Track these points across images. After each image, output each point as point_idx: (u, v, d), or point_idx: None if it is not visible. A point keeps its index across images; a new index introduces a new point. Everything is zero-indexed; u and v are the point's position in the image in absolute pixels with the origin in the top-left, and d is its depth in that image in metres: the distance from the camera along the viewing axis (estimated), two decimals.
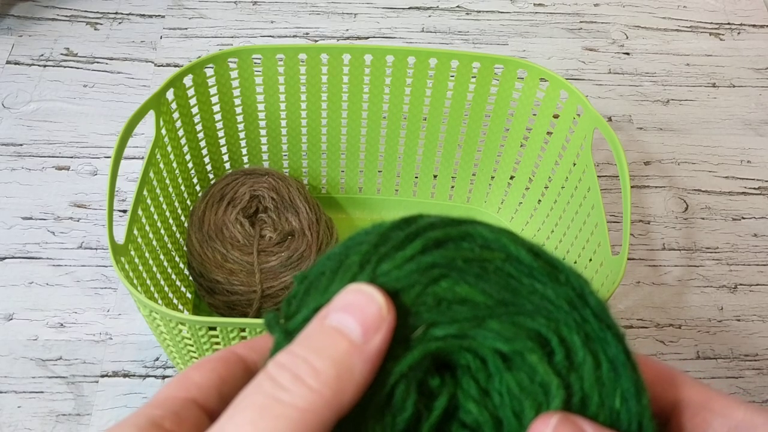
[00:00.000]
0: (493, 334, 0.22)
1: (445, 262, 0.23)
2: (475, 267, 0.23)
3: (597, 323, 0.23)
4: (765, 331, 0.66)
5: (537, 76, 0.59)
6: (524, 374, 0.22)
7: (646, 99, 0.83)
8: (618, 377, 0.22)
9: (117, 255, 0.46)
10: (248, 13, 0.88)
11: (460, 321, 0.23)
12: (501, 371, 0.23)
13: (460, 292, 0.23)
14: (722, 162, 0.78)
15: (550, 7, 0.91)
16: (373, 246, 0.24)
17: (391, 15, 0.89)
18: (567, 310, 0.23)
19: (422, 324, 0.23)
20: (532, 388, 0.22)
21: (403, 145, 0.66)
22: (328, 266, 0.24)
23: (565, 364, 0.22)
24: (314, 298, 0.23)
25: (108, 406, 0.58)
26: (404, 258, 0.23)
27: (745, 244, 0.71)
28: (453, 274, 0.23)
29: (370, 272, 0.23)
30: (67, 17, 0.86)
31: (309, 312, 0.23)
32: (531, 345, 0.22)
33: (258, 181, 0.62)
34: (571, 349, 0.22)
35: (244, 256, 0.58)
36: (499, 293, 0.23)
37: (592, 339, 0.22)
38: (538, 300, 0.23)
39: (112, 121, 0.76)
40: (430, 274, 0.23)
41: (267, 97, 0.62)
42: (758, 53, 0.88)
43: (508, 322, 0.22)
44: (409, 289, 0.23)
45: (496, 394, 0.23)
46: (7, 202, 0.69)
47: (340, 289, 0.23)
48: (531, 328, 0.22)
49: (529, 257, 0.23)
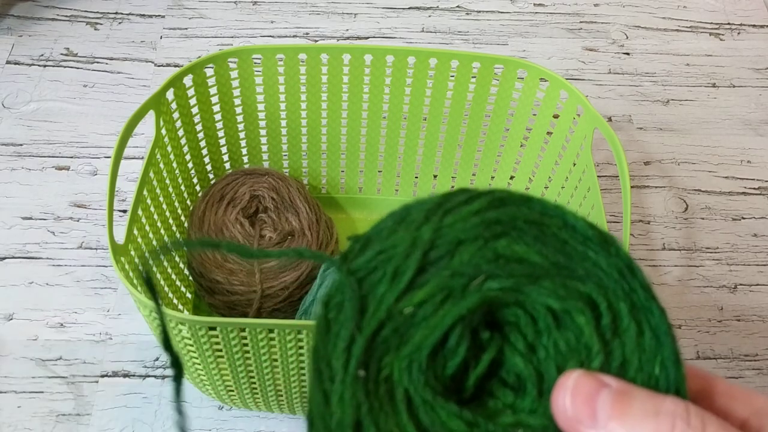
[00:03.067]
0: (546, 291, 0.24)
1: (507, 219, 0.25)
2: (534, 229, 0.25)
3: (644, 294, 0.24)
4: (765, 331, 0.66)
5: (537, 76, 0.59)
6: (571, 333, 0.24)
7: (646, 99, 0.83)
8: (659, 345, 0.23)
9: (117, 255, 0.46)
10: (248, 13, 0.88)
11: (516, 276, 0.24)
12: (550, 328, 0.24)
13: (518, 250, 0.24)
14: (722, 162, 0.78)
15: (550, 7, 0.91)
16: (437, 204, 0.25)
17: (391, 15, 0.89)
18: (617, 278, 0.24)
19: (481, 275, 0.24)
20: (577, 348, 0.24)
21: (403, 145, 0.66)
22: (387, 223, 0.25)
23: (611, 329, 0.24)
24: (377, 244, 0.25)
25: (108, 406, 0.58)
26: (470, 212, 0.25)
27: (745, 244, 0.71)
28: (513, 233, 0.25)
29: (437, 222, 0.24)
30: (67, 17, 0.86)
31: (373, 253, 0.24)
32: (581, 306, 0.24)
33: (258, 181, 0.62)
34: (618, 316, 0.24)
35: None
36: (555, 256, 0.24)
37: (637, 308, 0.24)
38: (590, 266, 0.24)
39: (112, 121, 0.76)
40: (492, 230, 0.25)
41: (267, 97, 0.62)
42: (758, 53, 0.88)
43: (561, 283, 0.24)
44: (471, 241, 0.24)
45: (542, 349, 0.24)
46: (7, 202, 0.69)
47: (406, 237, 0.24)
48: (582, 291, 0.24)
49: (585, 226, 0.25)
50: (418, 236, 0.24)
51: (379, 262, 0.24)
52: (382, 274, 0.24)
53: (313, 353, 0.24)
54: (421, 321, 0.24)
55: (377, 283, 0.24)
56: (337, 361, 0.23)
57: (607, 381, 0.23)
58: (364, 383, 0.23)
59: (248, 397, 0.53)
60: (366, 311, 0.24)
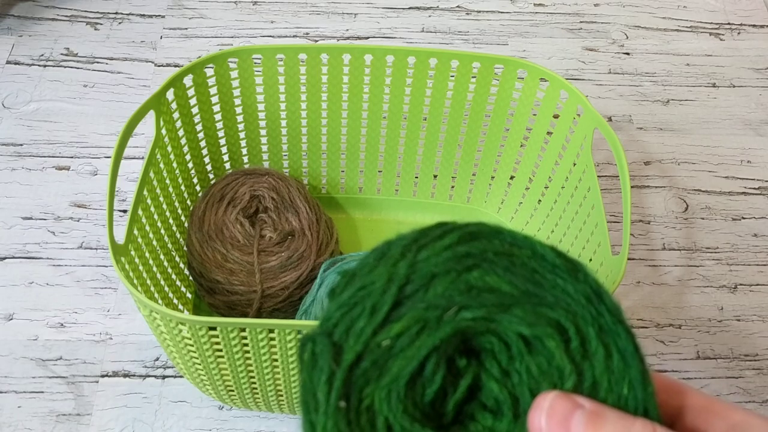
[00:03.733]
0: (517, 319, 0.25)
1: (477, 252, 0.26)
2: (504, 260, 0.26)
3: (610, 318, 0.25)
4: (765, 331, 0.66)
5: (537, 76, 0.59)
6: (543, 358, 0.25)
7: (646, 99, 0.83)
8: (627, 367, 0.25)
9: (117, 255, 0.46)
10: (248, 13, 0.88)
11: (488, 306, 0.25)
12: (522, 354, 0.25)
13: (490, 281, 0.26)
14: (722, 162, 0.78)
15: (550, 7, 0.91)
16: (412, 240, 0.27)
17: (391, 15, 0.89)
18: (584, 304, 0.25)
19: (454, 306, 0.25)
20: (549, 371, 0.25)
21: (403, 145, 0.66)
22: (369, 260, 0.27)
23: (580, 352, 0.25)
24: (359, 280, 0.26)
25: (108, 406, 0.58)
26: (442, 246, 0.26)
27: (745, 244, 0.71)
28: (484, 264, 0.26)
29: (411, 259, 0.26)
30: (67, 17, 0.86)
31: (354, 290, 0.26)
32: (551, 331, 0.25)
33: (258, 181, 0.62)
34: (586, 339, 0.25)
35: (244, 256, 0.58)
36: (524, 285, 0.26)
37: (605, 331, 0.25)
38: (559, 294, 0.26)
39: (112, 121, 0.76)
40: (464, 263, 0.26)
41: (267, 97, 0.62)
42: (758, 53, 0.88)
43: (531, 310, 0.25)
44: (444, 274, 0.26)
45: (515, 374, 0.25)
46: (7, 202, 0.69)
47: (383, 273, 0.26)
48: (551, 317, 0.25)
49: (552, 255, 0.26)
50: (395, 272, 0.26)
51: (359, 298, 0.26)
52: (362, 310, 0.25)
53: (301, 386, 0.25)
54: (398, 352, 0.25)
55: (357, 317, 0.25)
56: (320, 393, 0.24)
57: (581, 402, 0.24)
58: (345, 413, 0.24)
59: (248, 397, 0.53)
60: (345, 345, 0.25)
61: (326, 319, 0.26)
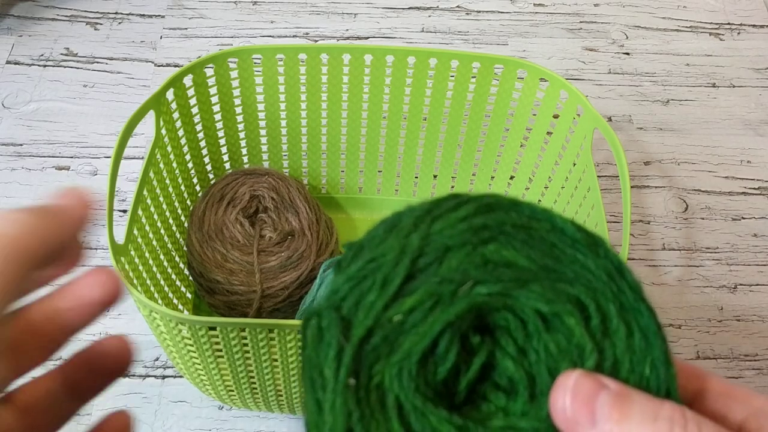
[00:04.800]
0: (535, 295, 0.24)
1: (494, 225, 0.25)
2: (522, 233, 0.25)
3: (632, 295, 0.24)
4: (765, 331, 0.66)
5: (537, 76, 0.59)
6: (561, 336, 0.24)
7: (646, 99, 0.83)
8: (649, 346, 0.24)
9: (117, 255, 0.46)
10: (248, 13, 0.88)
11: (504, 281, 0.24)
12: (540, 331, 0.24)
13: (507, 255, 0.25)
14: (722, 162, 0.78)
15: (550, 7, 0.91)
16: (425, 211, 0.25)
17: (391, 15, 0.89)
18: (605, 280, 0.24)
19: (469, 281, 0.24)
20: (568, 349, 0.24)
21: (403, 145, 0.66)
22: (378, 231, 0.26)
23: (600, 330, 0.24)
24: (368, 252, 0.25)
25: (108, 406, 0.58)
26: (457, 218, 0.25)
27: (745, 244, 0.71)
28: (501, 237, 0.25)
29: (425, 230, 0.25)
30: (67, 17, 0.86)
31: (364, 262, 0.25)
32: (570, 308, 0.24)
33: (258, 181, 0.62)
34: (607, 317, 0.24)
35: (244, 256, 0.58)
36: (543, 260, 0.25)
37: (626, 309, 0.24)
38: (579, 269, 0.24)
39: (112, 121, 0.76)
40: (480, 235, 0.25)
41: (267, 97, 0.62)
42: (758, 53, 0.88)
43: (549, 286, 0.24)
44: (459, 247, 0.24)
45: (533, 352, 0.24)
46: (7, 202, 0.69)
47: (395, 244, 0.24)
48: (571, 293, 0.24)
49: (572, 229, 0.25)
50: (407, 244, 0.25)
51: (369, 271, 0.24)
52: (372, 283, 0.24)
53: (305, 361, 0.24)
54: (410, 328, 0.24)
55: (367, 291, 0.24)
56: (328, 369, 0.23)
57: (606, 382, 0.23)
58: (354, 391, 0.23)
59: (248, 397, 0.53)
60: (355, 320, 0.24)
61: (333, 292, 0.25)
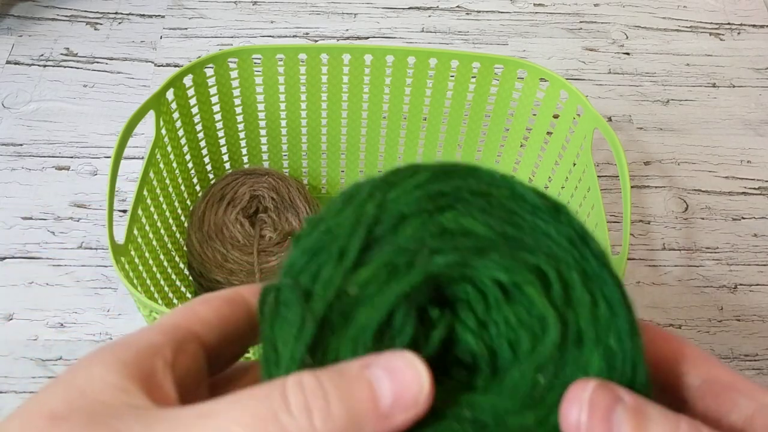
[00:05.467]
0: (494, 264, 0.23)
1: (451, 191, 0.24)
2: (480, 200, 0.24)
3: (596, 262, 0.23)
4: (765, 331, 0.66)
5: (537, 76, 0.59)
6: (522, 307, 0.23)
7: (646, 99, 0.83)
8: (614, 316, 0.22)
9: (117, 255, 0.46)
10: (248, 13, 0.88)
11: (462, 250, 0.23)
12: (500, 303, 0.23)
13: (464, 223, 0.23)
14: (722, 162, 0.78)
15: (550, 7, 0.91)
16: (382, 180, 0.24)
17: (391, 15, 0.89)
18: (567, 248, 0.23)
19: (425, 250, 0.23)
20: (529, 321, 0.23)
21: (403, 145, 0.66)
22: (337, 202, 0.25)
23: (563, 300, 0.22)
24: (326, 222, 0.24)
25: None
26: (413, 185, 0.24)
27: (745, 244, 0.71)
28: (458, 205, 0.24)
29: (380, 198, 0.24)
30: (67, 17, 0.86)
31: (319, 233, 0.23)
32: (530, 278, 0.22)
33: (258, 181, 0.62)
34: (570, 286, 0.23)
35: (244, 256, 0.58)
36: (502, 227, 0.23)
37: (590, 278, 0.23)
38: (540, 237, 0.23)
39: (112, 121, 0.76)
40: (436, 202, 0.24)
41: (267, 97, 0.62)
42: (758, 53, 0.88)
43: (509, 255, 0.23)
44: (415, 215, 0.23)
45: (493, 325, 0.23)
46: (7, 202, 0.69)
47: (350, 214, 0.23)
48: (531, 262, 0.23)
49: (533, 195, 0.24)
50: (362, 212, 0.23)
51: (325, 242, 0.23)
52: (329, 255, 0.23)
53: (261, 339, 0.23)
54: (365, 300, 0.22)
55: (324, 263, 0.23)
56: (284, 346, 0.22)
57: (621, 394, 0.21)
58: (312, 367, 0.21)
59: None
60: (313, 294, 0.22)
61: (289, 266, 0.23)
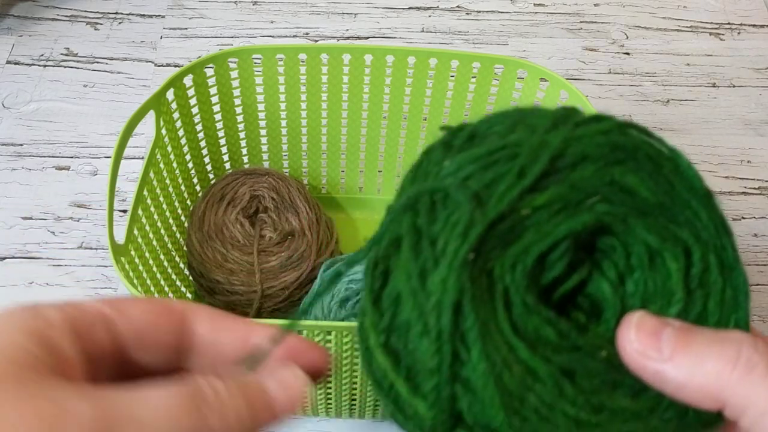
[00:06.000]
0: (648, 227, 0.24)
1: (630, 148, 0.25)
2: (650, 165, 0.25)
3: (732, 254, 0.25)
4: (765, 331, 0.66)
5: (537, 76, 0.59)
6: (659, 276, 0.24)
7: (646, 99, 0.83)
8: (737, 306, 0.24)
9: (117, 255, 0.46)
10: (248, 13, 0.88)
11: (627, 206, 0.24)
12: (643, 266, 0.24)
13: (630, 181, 0.24)
14: (722, 162, 0.78)
15: (550, 7, 0.91)
16: (562, 115, 0.25)
17: (391, 15, 0.89)
18: (713, 233, 0.24)
19: (597, 195, 0.24)
20: (662, 291, 0.24)
21: (403, 145, 0.66)
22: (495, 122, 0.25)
23: (698, 279, 0.24)
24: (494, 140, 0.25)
25: None
26: (599, 130, 0.25)
27: (745, 244, 0.71)
28: (630, 162, 0.24)
29: (567, 131, 0.24)
30: (67, 17, 0.86)
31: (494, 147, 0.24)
32: (677, 251, 0.24)
33: (258, 181, 0.62)
34: (708, 269, 0.24)
35: (244, 256, 0.58)
36: (662, 196, 0.24)
37: (725, 266, 0.24)
38: (691, 215, 0.25)
39: (112, 121, 0.76)
40: (615, 154, 0.24)
41: (267, 97, 0.62)
42: (758, 53, 0.88)
43: (663, 224, 0.24)
44: (594, 159, 0.24)
45: (632, 283, 0.24)
46: (7, 202, 0.69)
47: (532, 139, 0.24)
48: (680, 237, 0.24)
49: (694, 177, 0.25)
50: (547, 140, 0.24)
51: (502, 156, 0.24)
52: (507, 169, 0.23)
53: (408, 229, 0.23)
54: (533, 225, 0.23)
55: (502, 175, 0.23)
56: (452, 242, 0.22)
57: (671, 321, 0.23)
58: (470, 269, 0.22)
59: None
60: (486, 201, 0.23)
61: (457, 169, 0.24)
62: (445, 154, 0.25)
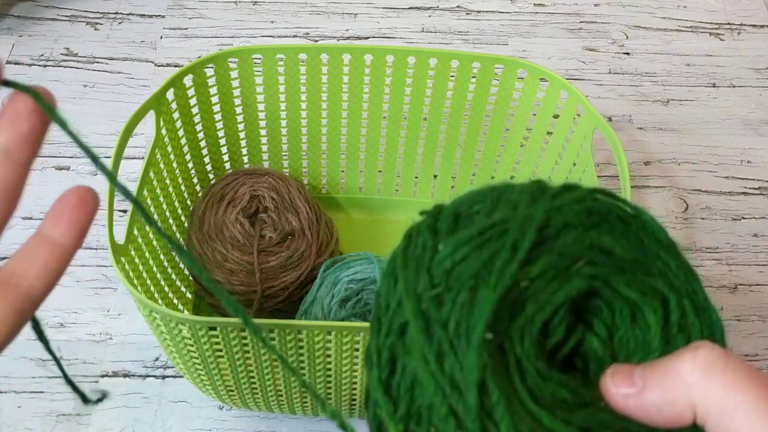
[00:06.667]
0: (628, 283, 0.26)
1: (603, 211, 0.27)
2: (621, 225, 0.27)
3: (703, 296, 0.26)
4: (765, 331, 0.66)
5: (537, 76, 0.59)
6: (639, 330, 0.26)
7: (646, 99, 0.83)
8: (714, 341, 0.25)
9: (117, 255, 0.46)
10: (248, 13, 0.88)
11: (607, 266, 0.26)
12: (625, 319, 0.26)
13: (605, 242, 0.26)
14: (722, 162, 0.78)
15: (550, 7, 0.91)
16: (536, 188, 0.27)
17: (391, 15, 0.89)
18: (683, 280, 0.26)
19: (582, 259, 0.26)
20: (644, 343, 0.26)
21: (403, 145, 0.66)
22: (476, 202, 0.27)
23: (677, 324, 0.26)
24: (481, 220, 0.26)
25: (108, 406, 0.58)
26: (575, 198, 0.27)
27: (745, 244, 0.71)
28: (604, 225, 0.26)
29: (547, 204, 0.26)
30: (67, 17, 0.86)
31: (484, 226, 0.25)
32: (655, 304, 0.26)
33: (258, 181, 0.62)
34: (685, 313, 0.26)
35: (244, 256, 0.58)
36: (634, 252, 0.26)
37: (698, 308, 0.26)
38: (662, 266, 0.26)
39: (112, 121, 0.76)
40: (591, 219, 0.26)
41: (267, 97, 0.62)
42: (758, 53, 0.88)
43: (639, 278, 0.26)
44: (574, 226, 0.26)
45: (617, 339, 0.26)
46: None
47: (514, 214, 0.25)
48: (656, 288, 0.26)
49: (660, 231, 0.27)
50: (531, 214, 0.25)
51: (493, 234, 0.25)
52: (500, 245, 0.25)
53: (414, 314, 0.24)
54: (532, 295, 0.25)
55: (496, 252, 0.25)
56: (460, 322, 0.23)
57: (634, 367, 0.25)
58: (487, 346, 0.23)
59: (248, 397, 0.53)
60: (486, 280, 0.24)
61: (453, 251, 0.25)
62: (434, 238, 0.26)
